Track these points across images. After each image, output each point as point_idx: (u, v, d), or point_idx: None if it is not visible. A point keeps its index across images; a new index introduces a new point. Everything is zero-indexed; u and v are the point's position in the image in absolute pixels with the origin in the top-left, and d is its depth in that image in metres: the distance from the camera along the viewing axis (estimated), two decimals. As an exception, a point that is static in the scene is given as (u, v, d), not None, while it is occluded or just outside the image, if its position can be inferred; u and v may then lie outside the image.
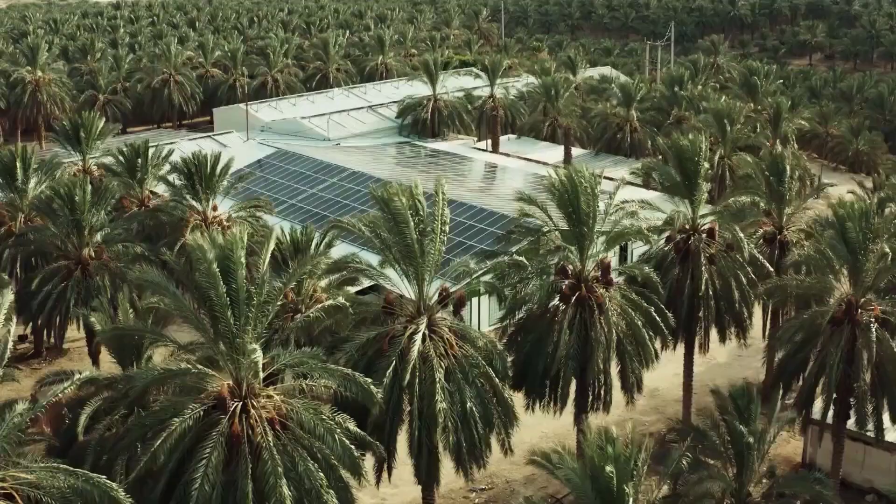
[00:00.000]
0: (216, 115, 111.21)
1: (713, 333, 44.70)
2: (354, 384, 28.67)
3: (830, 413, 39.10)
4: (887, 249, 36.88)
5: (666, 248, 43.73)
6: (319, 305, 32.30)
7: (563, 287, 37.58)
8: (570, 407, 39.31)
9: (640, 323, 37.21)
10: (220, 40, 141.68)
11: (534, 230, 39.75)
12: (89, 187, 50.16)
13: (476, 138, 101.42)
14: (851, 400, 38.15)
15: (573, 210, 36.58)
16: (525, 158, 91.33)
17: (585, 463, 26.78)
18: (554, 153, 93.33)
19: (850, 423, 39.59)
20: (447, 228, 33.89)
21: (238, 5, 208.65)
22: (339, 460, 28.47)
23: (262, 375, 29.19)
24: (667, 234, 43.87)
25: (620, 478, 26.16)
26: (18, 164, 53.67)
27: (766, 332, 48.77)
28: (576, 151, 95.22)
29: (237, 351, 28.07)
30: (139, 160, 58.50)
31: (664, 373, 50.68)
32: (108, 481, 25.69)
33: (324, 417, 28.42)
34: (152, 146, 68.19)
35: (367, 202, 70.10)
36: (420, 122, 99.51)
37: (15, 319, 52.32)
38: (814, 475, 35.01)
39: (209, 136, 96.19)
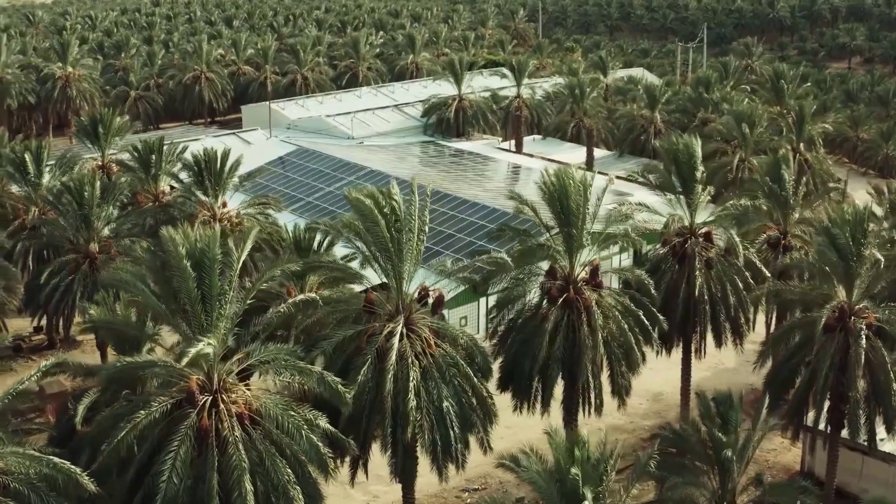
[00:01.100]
0: (244, 112, 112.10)
1: (711, 338, 44.26)
2: (323, 382, 28.77)
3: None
4: (879, 256, 36.33)
5: (662, 251, 43.41)
6: (290, 300, 32.43)
7: (551, 288, 37.45)
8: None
9: (626, 327, 36.98)
10: (254, 38, 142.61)
11: (520, 230, 39.67)
12: (98, 183, 50.86)
13: (500, 138, 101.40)
14: (846, 408, 37.69)
15: (562, 211, 36.47)
16: (548, 159, 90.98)
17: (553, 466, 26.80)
18: (577, 154, 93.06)
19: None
20: (426, 228, 33.84)
21: (277, 3, 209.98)
22: (306, 456, 28.63)
23: (234, 370, 29.46)
24: (664, 237, 43.51)
25: (585, 481, 26.12)
26: (29, 158, 54.43)
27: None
28: (600, 153, 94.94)
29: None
30: (153, 157, 59.05)
31: (669, 377, 50.41)
32: (73, 467, 26.13)
33: (292, 414, 28.60)
34: (177, 142, 69.04)
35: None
36: (444, 122, 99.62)
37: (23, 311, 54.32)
38: (800, 484, 34.67)
39: (234, 133, 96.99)
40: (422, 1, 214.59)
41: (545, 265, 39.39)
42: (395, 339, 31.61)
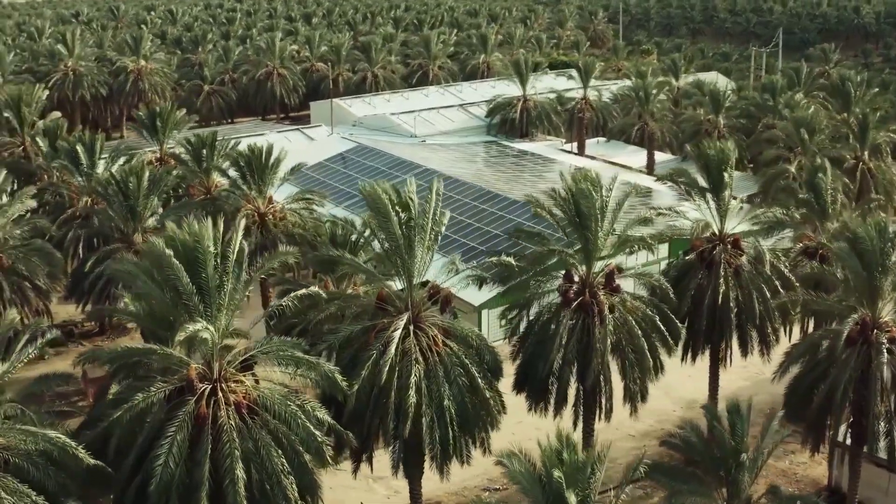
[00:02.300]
0: (312, 108, 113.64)
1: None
2: (321, 373, 29.28)
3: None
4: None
5: (688, 258, 43.04)
6: (291, 294, 33.02)
7: (567, 291, 37.44)
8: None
9: (639, 332, 36.76)
10: (329, 35, 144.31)
11: (534, 234, 39.70)
12: (146, 174, 52.17)
13: (564, 140, 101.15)
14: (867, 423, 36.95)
15: (577, 214, 36.44)
16: (609, 161, 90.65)
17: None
18: (639, 157, 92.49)
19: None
20: (442, 228, 34.15)
21: (358, 1, 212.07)
22: (303, 446, 29.19)
23: (237, 361, 30.17)
24: (692, 243, 43.08)
25: (569, 483, 26.14)
26: (82, 150, 56.04)
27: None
28: (663, 157, 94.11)
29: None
30: (203, 151, 60.37)
31: (705, 385, 49.79)
32: (68, 440, 27.05)
33: (289, 404, 29.17)
34: (242, 137, 70.34)
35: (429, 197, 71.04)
36: (508, 122, 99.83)
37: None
38: (812, 499, 34.16)
39: (298, 129, 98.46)
40: (500, 1, 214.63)
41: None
42: (396, 335, 31.94)
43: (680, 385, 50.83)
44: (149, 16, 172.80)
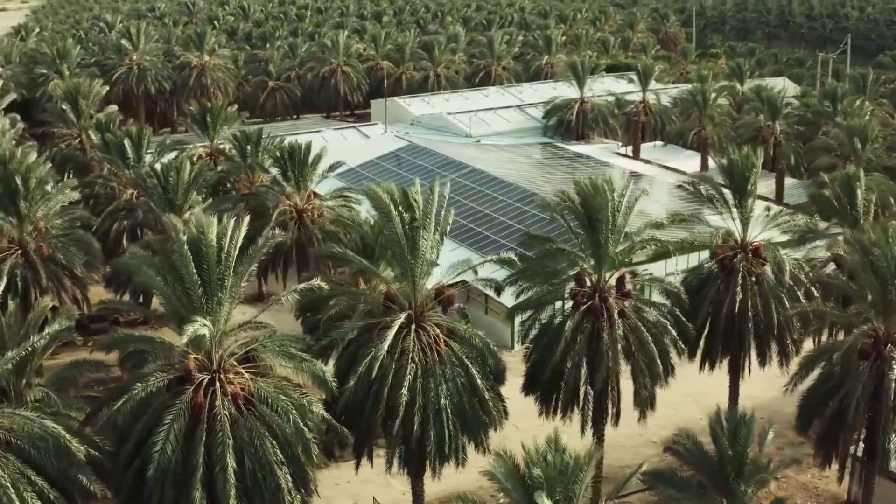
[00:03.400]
0: (373, 106, 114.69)
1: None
2: (311, 371, 29.97)
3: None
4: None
5: (707, 265, 42.84)
6: (292, 288, 33.72)
7: (577, 295, 37.59)
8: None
9: (648, 338, 36.75)
10: (396, 34, 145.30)
11: (543, 237, 39.89)
12: (188, 168, 53.49)
13: (620, 143, 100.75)
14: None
15: (587, 218, 36.57)
16: (663, 166, 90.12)
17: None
18: (694, 162, 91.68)
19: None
20: (447, 229, 34.56)
21: (431, 0, 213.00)
22: (294, 439, 29.89)
23: (238, 353, 31.02)
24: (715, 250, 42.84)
25: (548, 485, 26.34)
26: (129, 143, 57.61)
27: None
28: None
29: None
30: (248, 147, 61.61)
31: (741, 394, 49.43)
32: (62, 431, 28.13)
33: (282, 398, 29.91)
34: (298, 133, 71.34)
35: (473, 198, 71.58)
36: (565, 124, 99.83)
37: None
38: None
39: (354, 127, 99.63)
40: (577, 2, 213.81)
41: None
42: (390, 333, 32.42)
43: (710, 393, 50.34)
44: (222, 11, 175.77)
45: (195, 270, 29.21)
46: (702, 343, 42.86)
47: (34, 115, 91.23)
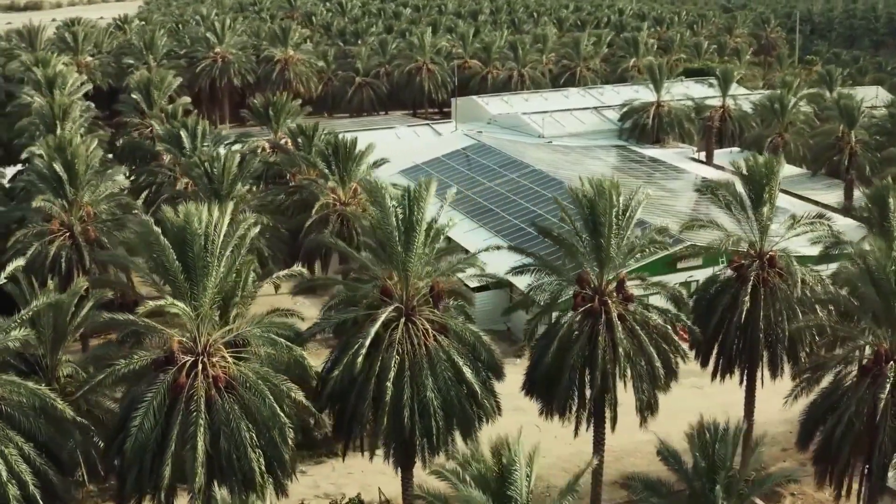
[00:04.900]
0: (454, 104, 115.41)
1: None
2: (291, 355, 31.00)
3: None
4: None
5: (718, 273, 42.50)
6: (275, 275, 34.91)
7: (578, 296, 37.77)
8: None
9: (647, 342, 36.71)
10: (487, 33, 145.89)
11: (556, 235, 40.21)
12: (236, 160, 55.24)
13: (695, 148, 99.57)
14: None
15: (591, 220, 36.74)
16: (735, 172, 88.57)
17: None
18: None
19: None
20: (446, 229, 35.33)
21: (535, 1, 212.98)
22: (271, 423, 30.96)
23: (225, 338, 32.26)
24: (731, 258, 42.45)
25: (484, 487, 26.44)
26: (185, 134, 59.65)
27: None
28: (792, 170, 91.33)
29: (195, 313, 31.25)
30: (300, 140, 63.20)
31: (763, 407, 48.72)
32: (50, 393, 29.75)
33: (259, 383, 31.00)
34: (373, 129, 72.54)
35: (529, 197, 71.91)
36: (639, 127, 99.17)
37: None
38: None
39: (427, 124, 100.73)
40: (674, 5, 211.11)
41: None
42: (373, 328, 33.12)
43: (739, 404, 49.93)
44: (322, 7, 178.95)
45: (176, 258, 30.48)
46: (714, 351, 42.49)
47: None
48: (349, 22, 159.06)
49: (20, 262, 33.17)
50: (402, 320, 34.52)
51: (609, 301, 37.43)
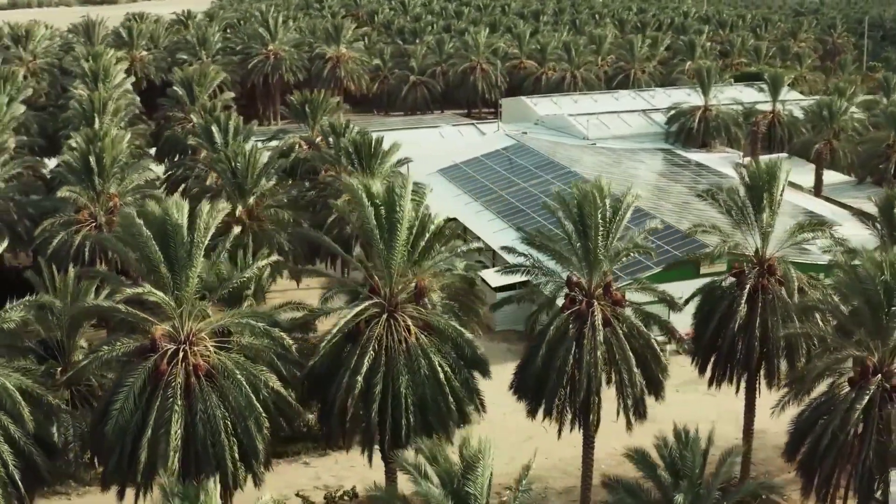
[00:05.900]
0: (503, 104, 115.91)
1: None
2: (274, 343, 31.97)
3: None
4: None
5: (717, 281, 42.40)
6: (251, 266, 35.94)
7: (566, 299, 38.07)
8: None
9: (627, 346, 36.88)
10: (546, 34, 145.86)
11: (542, 242, 40.48)
12: (261, 156, 56.41)
13: (742, 153, 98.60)
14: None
15: (580, 223, 37.02)
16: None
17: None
18: (811, 178, 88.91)
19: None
20: (430, 226, 35.88)
21: (594, 1, 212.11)
22: (247, 412, 31.90)
23: (208, 327, 33.29)
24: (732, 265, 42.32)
25: (444, 485, 26.88)
26: (216, 129, 60.97)
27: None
28: (838, 178, 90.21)
29: (177, 303, 32.32)
30: (330, 139, 64.19)
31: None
32: (24, 377, 31.05)
33: (236, 372, 31.94)
34: (418, 128, 72.98)
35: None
36: (685, 131, 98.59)
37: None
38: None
39: (472, 124, 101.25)
40: (737, 9, 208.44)
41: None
42: (341, 321, 33.84)
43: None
44: (387, 4, 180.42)
45: (158, 249, 31.55)
46: (712, 358, 42.44)
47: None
48: (409, 20, 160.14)
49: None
50: (385, 316, 35.18)
51: (596, 304, 37.66)
